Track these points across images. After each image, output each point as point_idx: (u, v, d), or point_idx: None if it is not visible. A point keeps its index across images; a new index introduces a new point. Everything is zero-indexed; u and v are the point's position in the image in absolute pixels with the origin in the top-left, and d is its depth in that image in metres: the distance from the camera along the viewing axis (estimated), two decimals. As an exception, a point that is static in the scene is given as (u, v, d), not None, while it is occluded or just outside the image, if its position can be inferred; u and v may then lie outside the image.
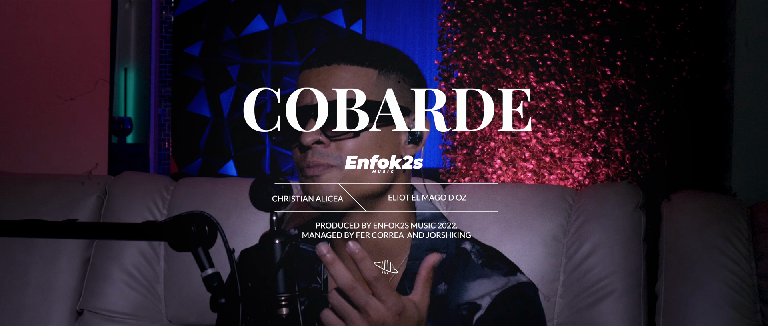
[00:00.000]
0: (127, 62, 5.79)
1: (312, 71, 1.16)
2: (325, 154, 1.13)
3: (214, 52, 6.09)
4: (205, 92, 6.10)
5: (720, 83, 3.13)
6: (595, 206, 1.77)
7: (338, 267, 0.97)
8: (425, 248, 1.19)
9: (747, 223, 1.75)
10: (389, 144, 1.16)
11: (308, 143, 1.12)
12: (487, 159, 3.14)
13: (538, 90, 3.09)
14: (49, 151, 2.81)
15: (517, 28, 3.11)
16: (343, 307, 0.98)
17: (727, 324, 1.66)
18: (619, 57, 3.06)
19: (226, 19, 6.09)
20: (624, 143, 3.06)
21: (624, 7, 3.06)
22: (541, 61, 3.09)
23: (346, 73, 1.14)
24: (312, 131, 1.12)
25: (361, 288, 0.97)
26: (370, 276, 0.98)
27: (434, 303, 1.16)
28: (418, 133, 1.18)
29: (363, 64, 1.15)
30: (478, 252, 1.22)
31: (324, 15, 6.22)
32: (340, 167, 1.13)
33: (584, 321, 1.70)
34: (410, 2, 6.07)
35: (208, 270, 1.01)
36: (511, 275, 1.19)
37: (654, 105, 3.06)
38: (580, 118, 3.07)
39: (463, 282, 1.18)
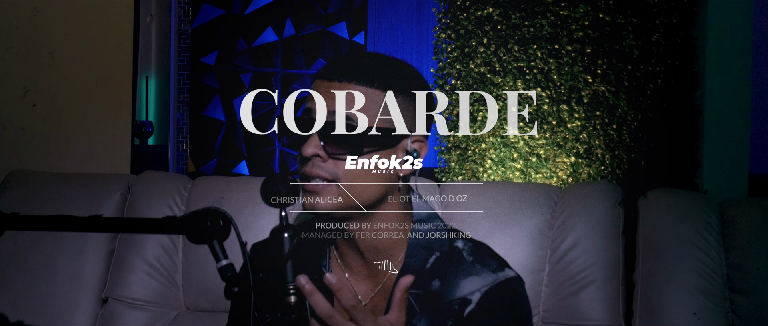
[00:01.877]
0: (149, 70, 5.78)
1: (325, 84, 1.12)
2: (322, 167, 1.10)
3: (228, 61, 6.08)
4: (220, 97, 6.09)
5: (692, 90, 3.13)
6: (578, 202, 1.77)
7: (317, 297, 0.95)
8: (421, 246, 1.18)
9: (717, 218, 1.75)
10: (385, 165, 1.13)
11: (308, 155, 1.10)
12: (478, 160, 3.14)
13: (525, 96, 3.08)
14: (77, 152, 2.81)
15: (505, 39, 3.11)
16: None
17: (699, 311, 1.65)
18: (599, 66, 3.05)
19: (239, 30, 6.08)
20: (604, 145, 3.06)
21: (604, 20, 3.05)
22: (528, 70, 3.09)
23: (355, 93, 1.10)
24: (312, 145, 1.10)
25: (339, 316, 0.95)
26: (348, 305, 0.96)
27: (428, 298, 1.16)
28: (416, 154, 1.15)
29: (373, 85, 1.11)
30: (470, 249, 1.21)
31: (329, 27, 6.22)
32: (337, 182, 1.10)
33: (568, 308, 1.69)
34: (408, 15, 6.07)
35: (223, 261, 1.00)
36: (500, 271, 1.18)
37: (631, 110, 3.05)
38: (563, 121, 3.07)
39: (455, 280, 1.17)
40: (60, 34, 2.75)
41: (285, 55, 6.18)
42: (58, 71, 2.76)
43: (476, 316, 1.14)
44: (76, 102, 2.81)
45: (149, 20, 5.72)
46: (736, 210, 1.75)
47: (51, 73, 2.74)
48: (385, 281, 1.19)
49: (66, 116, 2.78)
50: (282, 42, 6.16)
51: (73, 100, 2.81)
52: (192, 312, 1.85)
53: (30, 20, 2.66)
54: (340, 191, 1.11)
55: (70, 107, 2.80)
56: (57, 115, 2.75)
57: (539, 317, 1.72)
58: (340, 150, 1.10)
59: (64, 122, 2.77)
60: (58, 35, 2.75)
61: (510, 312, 1.16)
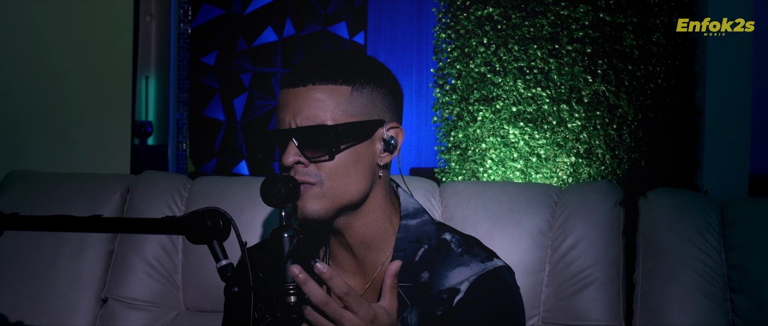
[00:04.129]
0: (148, 70, 5.78)
1: (289, 91, 1.14)
2: (306, 173, 1.12)
3: (228, 61, 6.08)
4: (219, 97, 6.09)
5: (692, 90, 3.13)
6: (578, 202, 1.76)
7: (311, 285, 0.96)
8: (409, 240, 1.19)
9: (717, 218, 1.74)
10: (365, 156, 1.15)
11: (289, 164, 1.11)
12: (478, 160, 3.14)
13: (525, 96, 3.09)
14: (77, 152, 2.81)
15: (506, 39, 3.11)
16: (319, 322, 0.97)
17: (699, 311, 1.65)
18: (599, 66, 3.06)
19: (239, 30, 6.08)
20: (604, 145, 3.06)
21: (604, 19, 3.05)
22: (528, 70, 3.09)
23: (319, 93, 1.12)
24: (291, 153, 1.11)
25: (333, 303, 0.97)
26: (341, 292, 0.97)
27: (418, 290, 1.16)
28: (393, 141, 1.17)
29: (337, 81, 1.13)
30: (458, 241, 1.22)
31: (329, 27, 6.22)
32: (320, 185, 1.11)
33: (568, 308, 1.69)
34: (408, 15, 6.07)
35: (223, 261, 1.01)
36: (488, 260, 1.19)
37: (632, 110, 3.05)
38: (564, 121, 3.07)
39: (444, 271, 1.18)
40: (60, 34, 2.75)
41: (285, 55, 6.18)
42: (58, 71, 2.76)
43: (465, 304, 1.15)
44: (76, 102, 2.81)
45: (149, 20, 5.72)
46: (737, 210, 1.75)
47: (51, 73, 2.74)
48: (375, 276, 1.20)
49: (66, 116, 2.78)
50: (282, 42, 6.16)
51: (73, 100, 2.81)
52: (192, 313, 1.85)
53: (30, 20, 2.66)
54: (323, 192, 1.12)
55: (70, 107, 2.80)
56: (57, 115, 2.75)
57: (539, 317, 1.72)
58: (318, 152, 1.11)
59: (64, 122, 2.77)
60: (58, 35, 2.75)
61: (499, 300, 1.16)
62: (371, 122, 1.14)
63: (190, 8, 5.83)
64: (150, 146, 5.63)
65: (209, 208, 1.02)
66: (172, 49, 5.63)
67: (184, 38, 5.74)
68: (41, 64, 2.72)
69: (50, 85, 2.73)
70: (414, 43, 6.04)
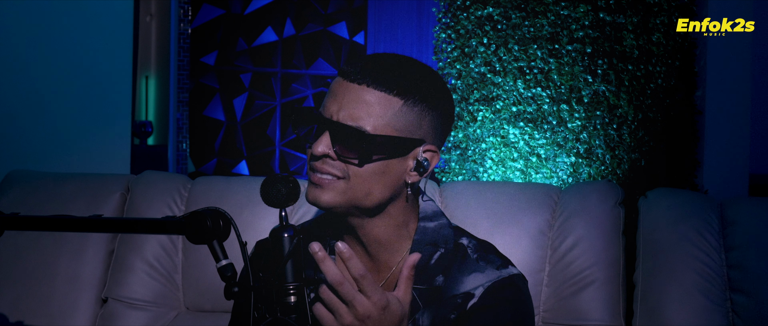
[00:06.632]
0: (148, 70, 5.78)
1: (343, 83, 1.11)
2: (334, 166, 1.10)
3: (228, 61, 6.08)
4: (219, 97, 6.09)
5: (692, 90, 3.13)
6: (578, 202, 1.77)
7: (328, 264, 0.96)
8: (425, 243, 1.18)
9: (717, 218, 1.75)
10: (394, 171, 1.12)
11: (318, 153, 1.10)
12: (478, 160, 3.14)
13: (525, 96, 3.09)
14: (78, 152, 2.81)
15: (506, 39, 3.11)
16: (332, 301, 0.98)
17: (699, 311, 1.66)
18: (599, 66, 3.06)
19: (239, 30, 6.08)
20: (604, 145, 3.06)
21: (604, 19, 3.05)
22: (528, 70, 3.09)
23: (370, 96, 1.09)
24: (323, 144, 1.09)
25: (348, 285, 0.97)
26: (357, 274, 0.97)
27: (431, 293, 1.16)
28: (426, 163, 1.14)
29: (391, 91, 1.09)
30: (475, 246, 1.21)
31: (329, 27, 6.22)
32: (346, 180, 1.10)
33: (568, 308, 1.69)
34: (408, 15, 6.06)
35: (223, 262, 1.01)
36: (504, 268, 1.19)
37: (632, 110, 3.05)
38: (563, 121, 3.07)
39: (460, 276, 1.17)
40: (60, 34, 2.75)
41: (285, 55, 6.18)
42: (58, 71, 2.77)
43: (478, 309, 1.15)
44: (76, 102, 2.82)
45: (149, 20, 5.72)
46: (737, 210, 1.75)
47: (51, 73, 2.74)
48: (388, 276, 1.19)
49: (66, 116, 2.78)
50: (282, 42, 6.16)
51: (73, 100, 2.81)
52: (192, 313, 1.86)
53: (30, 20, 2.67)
54: (346, 188, 1.11)
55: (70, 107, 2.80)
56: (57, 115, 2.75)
57: (539, 317, 1.72)
58: (349, 154, 1.09)
59: (64, 122, 2.77)
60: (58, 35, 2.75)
61: (512, 307, 1.16)
62: (411, 141, 1.11)
63: (190, 8, 5.82)
64: (150, 146, 5.63)
65: (209, 208, 1.02)
66: (172, 49, 5.63)
67: (184, 38, 5.74)
68: (41, 65, 2.72)
69: (50, 85, 2.73)
70: (414, 43, 6.04)
